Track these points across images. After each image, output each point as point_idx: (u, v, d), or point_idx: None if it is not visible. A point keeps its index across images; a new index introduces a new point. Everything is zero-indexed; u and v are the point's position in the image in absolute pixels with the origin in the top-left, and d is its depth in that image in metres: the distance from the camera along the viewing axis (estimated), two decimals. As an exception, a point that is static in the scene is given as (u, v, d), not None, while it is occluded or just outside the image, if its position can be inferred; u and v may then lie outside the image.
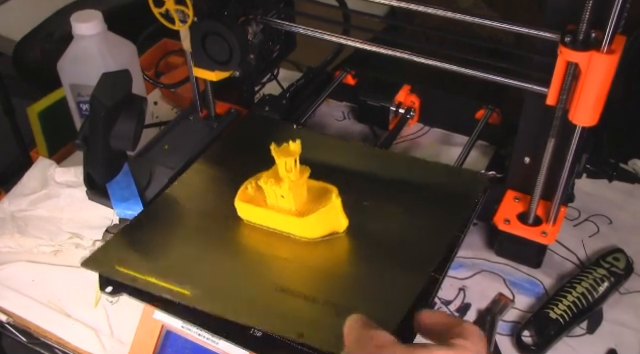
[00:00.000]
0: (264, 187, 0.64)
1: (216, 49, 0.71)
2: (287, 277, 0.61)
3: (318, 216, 0.63)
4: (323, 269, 0.62)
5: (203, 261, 0.64)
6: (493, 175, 0.76)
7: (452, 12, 0.64)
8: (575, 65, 0.57)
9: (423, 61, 0.67)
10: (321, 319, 0.56)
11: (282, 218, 0.64)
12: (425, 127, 0.94)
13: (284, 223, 0.65)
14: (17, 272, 0.76)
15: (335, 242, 0.64)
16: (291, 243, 0.65)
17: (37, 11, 1.38)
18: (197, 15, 0.69)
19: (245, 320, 0.57)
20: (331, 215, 0.64)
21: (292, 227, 0.65)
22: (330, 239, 0.64)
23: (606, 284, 0.69)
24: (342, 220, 0.65)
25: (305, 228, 0.64)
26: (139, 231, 0.68)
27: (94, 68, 0.78)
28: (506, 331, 0.68)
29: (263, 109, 0.86)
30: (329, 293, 0.59)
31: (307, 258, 0.63)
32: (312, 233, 0.64)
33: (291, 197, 0.63)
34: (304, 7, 0.77)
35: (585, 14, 0.55)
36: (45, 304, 0.73)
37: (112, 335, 0.70)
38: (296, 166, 0.62)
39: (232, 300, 0.59)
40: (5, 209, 0.82)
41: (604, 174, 0.81)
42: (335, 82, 0.95)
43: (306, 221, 0.63)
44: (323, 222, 0.64)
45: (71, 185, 0.83)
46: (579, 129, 0.61)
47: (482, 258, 0.75)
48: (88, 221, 0.79)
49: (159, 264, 0.63)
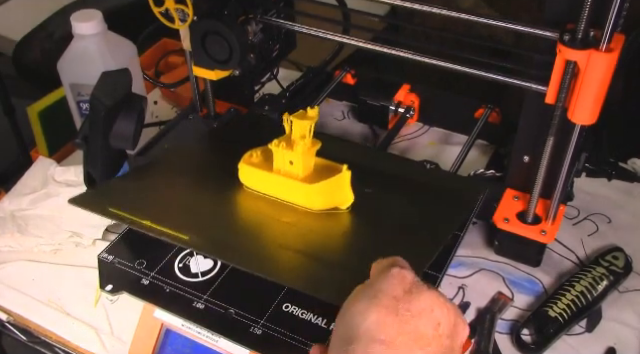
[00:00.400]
0: (274, 150, 0.63)
1: (216, 48, 0.71)
2: (289, 237, 0.61)
3: (326, 185, 0.62)
4: (325, 235, 0.62)
5: (201, 214, 0.64)
6: (492, 174, 0.77)
7: (452, 12, 0.64)
8: (574, 64, 0.57)
9: (423, 60, 0.67)
10: (326, 276, 0.56)
11: (287, 184, 0.63)
12: (425, 126, 0.94)
13: (288, 190, 0.64)
14: (17, 271, 0.76)
15: (338, 216, 0.64)
16: (293, 211, 0.64)
17: (37, 11, 1.38)
18: (197, 14, 0.69)
19: (249, 267, 0.57)
20: (338, 187, 0.63)
21: (296, 195, 0.64)
22: (333, 213, 0.63)
23: (605, 283, 0.69)
24: (348, 196, 0.64)
25: (310, 197, 0.63)
26: (136, 180, 0.68)
27: (94, 68, 0.78)
28: (505, 330, 0.68)
29: (263, 108, 0.86)
30: (331, 254, 0.59)
31: (309, 224, 0.62)
32: (316, 203, 0.63)
33: (300, 163, 0.62)
34: (304, 7, 0.77)
35: (584, 13, 0.55)
36: (45, 303, 0.73)
37: (112, 334, 0.70)
38: (310, 133, 0.62)
39: (234, 249, 0.59)
40: (5, 208, 0.82)
41: (603, 173, 0.81)
42: (335, 81, 0.95)
43: (312, 189, 0.62)
44: (329, 193, 0.63)
45: (71, 184, 0.83)
46: (578, 128, 0.61)
47: (481, 257, 0.75)
48: (88, 220, 0.79)
49: (154, 210, 0.63)
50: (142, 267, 0.65)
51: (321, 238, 0.61)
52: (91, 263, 0.71)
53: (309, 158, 0.63)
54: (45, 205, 0.82)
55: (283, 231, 0.62)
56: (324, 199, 0.63)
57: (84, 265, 0.75)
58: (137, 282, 0.64)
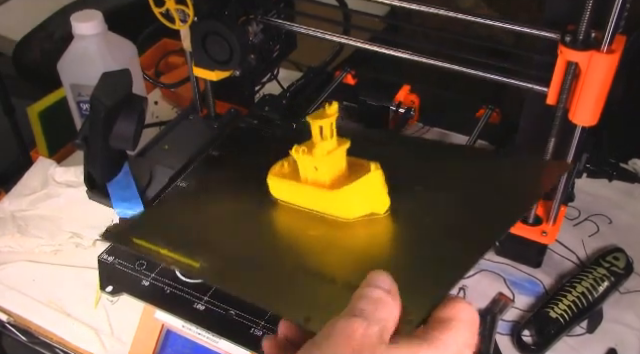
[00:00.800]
0: (296, 157, 0.56)
1: (216, 49, 0.71)
2: (310, 255, 0.54)
3: (354, 189, 0.54)
4: (351, 249, 0.55)
5: (222, 234, 0.58)
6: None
7: (452, 12, 0.64)
8: (575, 65, 0.57)
9: (423, 61, 0.67)
10: (335, 301, 0.47)
11: (314, 193, 0.56)
12: (425, 127, 0.94)
13: (317, 199, 0.57)
14: (17, 272, 0.76)
15: (373, 223, 0.55)
16: (323, 222, 0.56)
17: (37, 11, 1.38)
18: (197, 15, 0.69)
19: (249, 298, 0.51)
20: (369, 190, 0.55)
21: (325, 203, 0.56)
22: (368, 220, 0.55)
23: (606, 283, 0.69)
24: (383, 198, 0.55)
25: (339, 204, 0.56)
26: (165, 208, 0.65)
27: (94, 68, 0.78)
28: (506, 331, 0.68)
29: (263, 109, 0.86)
30: (351, 274, 0.50)
31: (336, 237, 0.55)
32: (347, 211, 0.55)
33: (325, 168, 0.55)
34: (304, 7, 0.77)
35: (585, 14, 0.55)
36: (45, 304, 0.73)
37: (112, 334, 0.70)
38: (332, 133, 0.55)
39: (241, 276, 0.53)
40: (5, 209, 0.82)
41: (604, 174, 0.81)
42: (335, 82, 0.95)
43: (340, 194, 0.54)
44: (360, 198, 0.55)
45: (71, 185, 0.83)
46: (579, 129, 0.61)
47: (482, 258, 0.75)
48: (88, 221, 0.79)
49: (175, 236, 0.59)
50: (142, 268, 0.65)
51: (345, 252, 0.54)
52: (91, 264, 0.71)
53: (336, 160, 0.56)
54: (45, 206, 0.82)
55: (306, 247, 0.56)
56: (355, 205, 0.55)
57: (84, 266, 0.75)
58: (137, 283, 0.64)
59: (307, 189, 0.57)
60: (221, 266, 0.54)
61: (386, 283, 0.38)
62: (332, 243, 0.55)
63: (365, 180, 0.54)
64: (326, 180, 0.55)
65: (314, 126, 0.55)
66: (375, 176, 0.55)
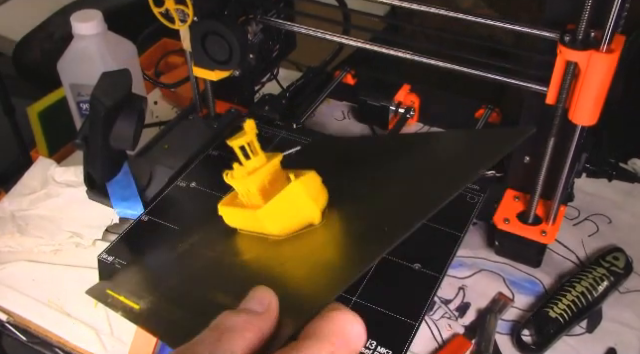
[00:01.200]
0: (231, 182, 0.53)
1: (216, 49, 0.71)
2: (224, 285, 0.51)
3: (275, 205, 0.51)
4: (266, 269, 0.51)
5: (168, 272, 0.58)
6: (492, 174, 0.77)
7: (452, 12, 0.64)
8: (574, 64, 0.57)
9: (423, 60, 0.67)
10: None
11: (249, 215, 0.53)
12: (425, 127, 0.94)
13: (253, 221, 0.53)
14: (17, 271, 0.76)
15: (300, 237, 0.52)
16: (259, 244, 0.53)
17: (37, 11, 1.38)
18: (197, 14, 0.69)
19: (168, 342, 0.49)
20: (292, 203, 0.51)
21: (260, 224, 0.53)
22: (302, 233, 0.52)
23: (606, 283, 0.69)
24: (311, 208, 0.52)
25: (269, 222, 0.52)
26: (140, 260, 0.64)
27: (94, 68, 0.78)
28: (506, 330, 0.68)
29: (263, 109, 0.86)
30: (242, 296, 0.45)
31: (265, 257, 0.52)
32: (280, 227, 0.52)
33: (254, 188, 0.52)
34: (304, 7, 0.77)
35: (584, 14, 0.55)
36: (45, 303, 0.73)
37: (112, 334, 0.70)
38: (256, 150, 0.52)
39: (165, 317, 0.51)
40: (5, 209, 0.82)
41: (604, 173, 0.81)
42: (335, 82, 0.95)
43: (264, 212, 0.51)
44: (287, 212, 0.51)
45: (71, 185, 0.83)
46: (579, 128, 0.61)
47: (482, 257, 0.75)
48: (88, 220, 0.79)
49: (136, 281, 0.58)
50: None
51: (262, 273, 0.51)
52: (91, 264, 0.71)
53: (267, 178, 0.53)
54: (45, 205, 0.82)
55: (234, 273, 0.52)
56: (285, 220, 0.52)
57: (84, 266, 0.75)
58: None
59: (244, 213, 0.54)
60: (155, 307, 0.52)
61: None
62: (261, 265, 0.52)
63: (284, 195, 0.51)
64: (259, 200, 0.52)
65: (235, 148, 0.52)
66: (294, 188, 0.51)
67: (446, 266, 0.63)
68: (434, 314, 0.70)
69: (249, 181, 0.52)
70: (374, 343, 0.58)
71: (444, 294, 0.71)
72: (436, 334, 0.68)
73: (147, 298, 0.53)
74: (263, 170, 0.52)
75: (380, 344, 0.58)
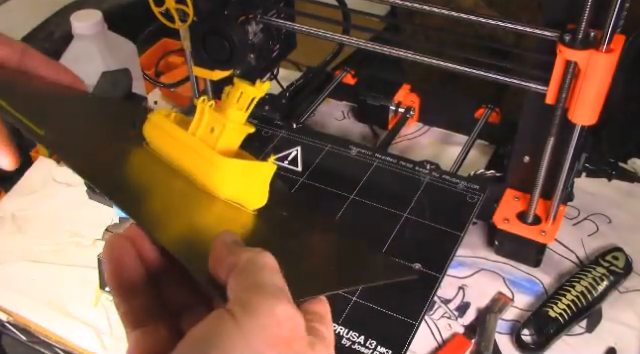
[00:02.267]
0: (198, 105, 0.49)
1: (216, 48, 0.71)
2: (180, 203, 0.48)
3: (244, 167, 0.48)
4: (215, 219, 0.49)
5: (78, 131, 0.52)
6: (492, 174, 0.77)
7: (452, 11, 0.64)
8: (574, 64, 0.57)
9: (423, 60, 0.67)
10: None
11: (199, 151, 0.49)
12: (425, 126, 0.94)
13: (197, 161, 0.49)
14: (17, 271, 0.76)
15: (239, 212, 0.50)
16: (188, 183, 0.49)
17: (37, 11, 1.38)
18: (197, 14, 0.69)
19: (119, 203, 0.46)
20: (257, 180, 0.50)
21: (205, 169, 0.49)
22: (234, 206, 0.49)
23: (605, 283, 0.69)
24: (262, 194, 0.50)
25: (221, 174, 0.48)
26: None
27: (94, 68, 0.78)
28: (506, 330, 0.68)
29: (263, 108, 0.86)
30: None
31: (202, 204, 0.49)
32: (225, 187, 0.48)
33: (225, 134, 0.49)
34: (304, 7, 0.77)
35: (584, 13, 0.55)
36: (45, 303, 0.73)
37: (112, 334, 0.70)
38: (248, 109, 0.50)
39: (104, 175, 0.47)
40: (5, 208, 0.82)
41: (603, 173, 0.81)
42: (335, 81, 0.95)
43: (227, 165, 0.48)
44: (243, 181, 0.49)
45: (71, 184, 0.83)
46: (578, 128, 0.61)
47: (481, 257, 0.75)
48: (88, 220, 0.79)
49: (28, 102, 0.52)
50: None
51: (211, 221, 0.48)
52: (91, 263, 0.71)
53: (236, 135, 0.50)
54: (45, 205, 0.82)
55: (176, 195, 0.49)
56: (236, 185, 0.48)
57: (84, 265, 0.75)
58: None
59: (192, 142, 0.49)
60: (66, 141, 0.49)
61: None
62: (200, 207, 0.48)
63: (260, 166, 0.49)
64: (217, 145, 0.49)
65: (236, 89, 0.50)
66: (270, 169, 0.49)
67: (446, 266, 0.63)
68: (434, 314, 0.70)
69: (233, 128, 0.49)
70: (374, 343, 0.58)
71: (444, 294, 0.72)
72: (436, 334, 0.68)
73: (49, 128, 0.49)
74: (245, 129, 0.50)
75: (380, 344, 0.58)
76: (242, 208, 0.49)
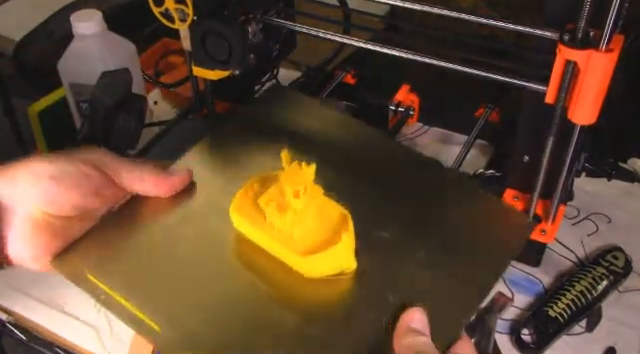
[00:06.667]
0: (264, 209, 0.51)
1: (216, 48, 0.71)
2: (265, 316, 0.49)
3: (324, 257, 0.50)
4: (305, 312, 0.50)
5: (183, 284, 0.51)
6: (492, 174, 0.77)
7: (452, 11, 0.64)
8: (574, 63, 0.57)
9: (423, 60, 0.67)
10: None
11: (281, 248, 0.52)
12: (424, 126, 0.94)
13: (282, 253, 0.52)
14: (17, 271, 0.76)
15: (338, 284, 0.51)
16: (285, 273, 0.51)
17: (37, 11, 1.38)
18: (197, 14, 0.69)
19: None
20: (340, 254, 0.51)
21: (289, 258, 0.52)
22: (334, 280, 0.51)
23: (605, 282, 0.70)
24: (350, 260, 0.51)
25: (306, 266, 0.51)
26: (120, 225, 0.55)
27: (94, 68, 0.78)
28: (505, 330, 0.68)
29: (263, 108, 0.86)
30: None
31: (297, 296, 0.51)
32: (313, 272, 0.51)
33: (295, 230, 0.51)
34: (304, 6, 0.77)
35: (584, 13, 0.55)
36: (45, 303, 0.73)
37: (112, 334, 0.70)
38: (306, 192, 0.50)
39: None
40: (5, 208, 0.82)
41: (603, 173, 0.81)
42: (335, 81, 0.95)
43: (308, 261, 0.50)
44: (329, 262, 0.51)
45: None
46: (578, 127, 0.61)
47: (481, 257, 0.75)
48: (88, 220, 0.79)
49: (131, 278, 0.51)
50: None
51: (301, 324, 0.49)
52: (91, 263, 0.71)
53: (306, 218, 0.51)
54: (45, 205, 0.82)
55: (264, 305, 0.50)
56: (322, 268, 0.51)
57: (84, 265, 0.75)
58: None
59: (273, 242, 0.52)
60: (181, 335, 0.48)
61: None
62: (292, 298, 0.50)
63: (334, 250, 0.50)
64: (293, 237, 0.51)
65: (287, 188, 0.50)
66: (345, 245, 0.50)
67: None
68: (434, 313, 0.70)
69: (302, 221, 0.51)
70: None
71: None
72: (436, 333, 0.68)
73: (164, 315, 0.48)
74: (310, 209, 0.51)
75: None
76: (343, 275, 0.51)
